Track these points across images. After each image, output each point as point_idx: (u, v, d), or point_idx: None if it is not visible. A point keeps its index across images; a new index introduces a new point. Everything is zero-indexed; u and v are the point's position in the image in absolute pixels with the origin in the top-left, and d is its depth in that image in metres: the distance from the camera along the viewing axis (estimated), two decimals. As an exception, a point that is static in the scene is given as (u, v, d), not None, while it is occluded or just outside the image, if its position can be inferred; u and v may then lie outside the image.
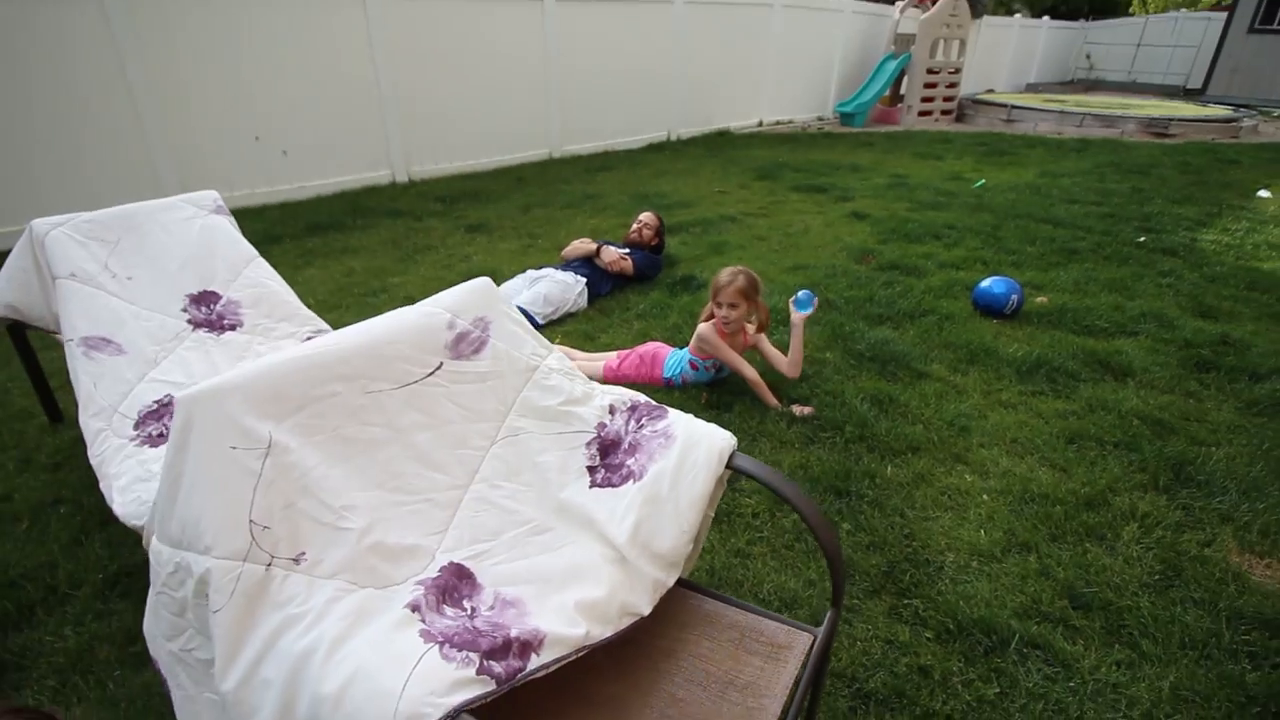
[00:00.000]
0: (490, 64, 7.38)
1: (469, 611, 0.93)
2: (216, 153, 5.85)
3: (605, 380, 2.92)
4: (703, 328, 2.76)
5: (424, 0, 6.71)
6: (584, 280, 3.86)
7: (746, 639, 1.14)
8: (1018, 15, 18.25)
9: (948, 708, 1.52)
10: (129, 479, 1.62)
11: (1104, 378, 2.99)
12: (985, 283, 3.67)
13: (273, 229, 5.26)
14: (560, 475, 1.23)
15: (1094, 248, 4.74)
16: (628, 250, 4.19)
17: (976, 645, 1.67)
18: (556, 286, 3.72)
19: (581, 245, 4.16)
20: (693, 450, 1.19)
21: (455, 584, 0.98)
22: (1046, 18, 18.60)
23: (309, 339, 2.27)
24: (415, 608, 0.91)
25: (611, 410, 1.30)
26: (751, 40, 10.45)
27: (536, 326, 2.89)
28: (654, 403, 1.31)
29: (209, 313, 2.17)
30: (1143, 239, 4.96)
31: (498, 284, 3.90)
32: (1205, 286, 4.08)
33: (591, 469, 1.24)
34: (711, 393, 2.87)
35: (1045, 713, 1.51)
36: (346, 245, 5.14)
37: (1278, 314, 3.73)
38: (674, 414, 1.27)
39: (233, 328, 2.17)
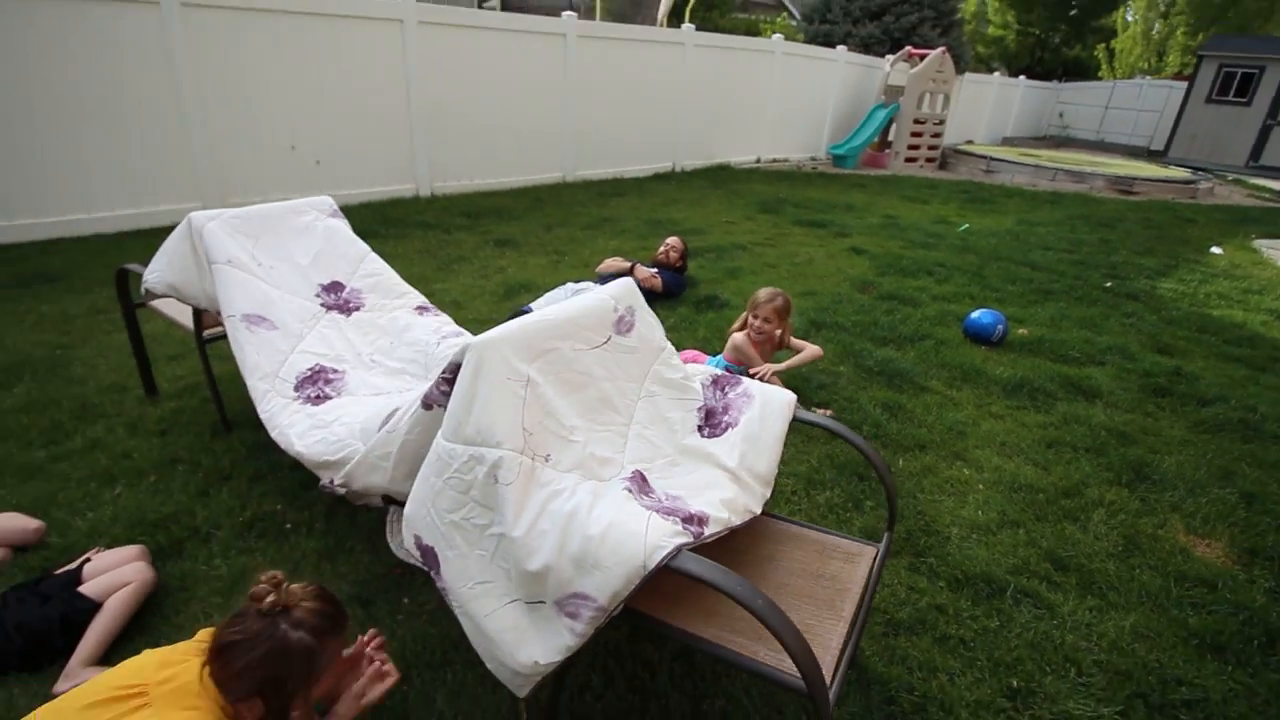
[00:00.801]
0: (514, 89, 7.86)
1: (658, 498, 1.33)
2: (255, 159, 6.19)
3: None
4: (737, 337, 3.18)
5: (458, 27, 7.19)
6: (620, 294, 4.28)
7: (826, 550, 1.55)
8: (997, 74, 19.40)
9: (960, 633, 1.93)
10: (304, 428, 1.97)
11: (1076, 398, 3.49)
12: (975, 314, 4.17)
13: (317, 233, 5.59)
14: (681, 428, 1.64)
15: (1067, 289, 5.32)
16: (656, 270, 4.63)
17: (980, 592, 2.10)
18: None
19: (615, 263, 4.59)
20: (770, 403, 1.63)
21: (642, 482, 1.37)
22: (1023, 77, 19.80)
23: (418, 308, 2.67)
24: (629, 490, 1.30)
25: (702, 387, 1.72)
26: (753, 82, 11.14)
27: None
28: (730, 374, 1.74)
29: (337, 299, 2.54)
30: (1109, 284, 5.55)
31: (536, 296, 4.32)
32: (1163, 327, 4.65)
33: (699, 427, 1.66)
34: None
35: (1035, 639, 1.93)
36: (382, 252, 5.40)
37: (1223, 353, 4.30)
38: (746, 380, 1.71)
39: (358, 309, 2.55)
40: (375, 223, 6.18)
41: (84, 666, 1.74)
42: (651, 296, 4.55)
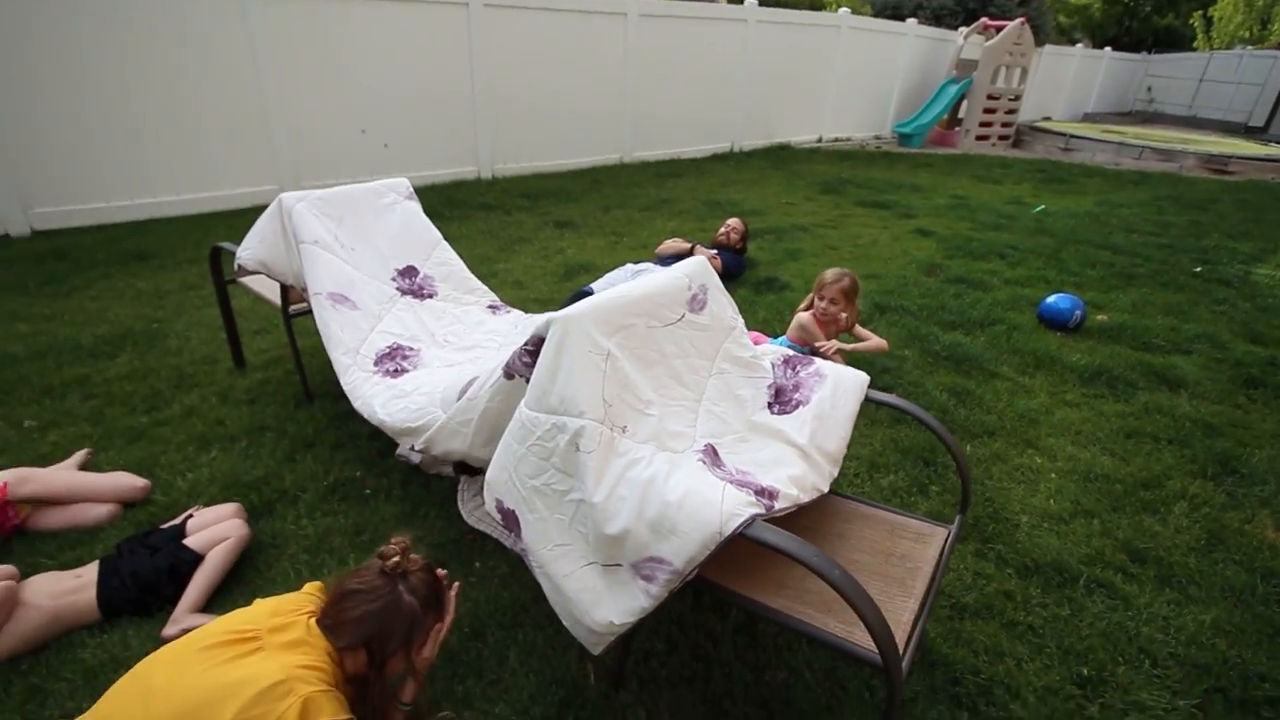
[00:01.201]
0: (574, 71, 7.91)
1: (730, 471, 1.37)
2: (328, 142, 6.44)
3: None
4: (803, 316, 3.15)
5: (521, 9, 7.25)
6: (681, 275, 4.29)
7: (897, 530, 1.55)
8: (1079, 45, 18.27)
9: (1029, 619, 1.90)
10: (385, 398, 2.08)
11: (1159, 387, 3.33)
12: (1051, 298, 4.01)
13: (386, 214, 5.79)
14: (752, 405, 1.66)
15: (1151, 274, 5.04)
16: (716, 251, 4.62)
17: (1050, 580, 2.06)
18: (658, 279, 4.16)
19: (675, 244, 4.60)
20: (842, 382, 1.64)
21: (714, 456, 1.41)
22: (1109, 49, 18.60)
23: (490, 306, 2.76)
24: (702, 462, 1.35)
25: (772, 366, 1.73)
26: (817, 58, 10.85)
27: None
28: (800, 354, 1.74)
29: (411, 284, 2.66)
30: (1199, 269, 5.23)
31: (595, 276, 4.37)
32: (1257, 315, 4.36)
33: (770, 404, 1.67)
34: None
35: (1109, 629, 1.89)
36: (447, 233, 5.54)
37: (1326, 344, 4.00)
38: (819, 360, 1.71)
39: (430, 296, 2.65)
40: (439, 204, 6.35)
41: (189, 613, 1.90)
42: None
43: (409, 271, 2.69)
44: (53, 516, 2.23)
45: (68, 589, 1.88)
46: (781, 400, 1.63)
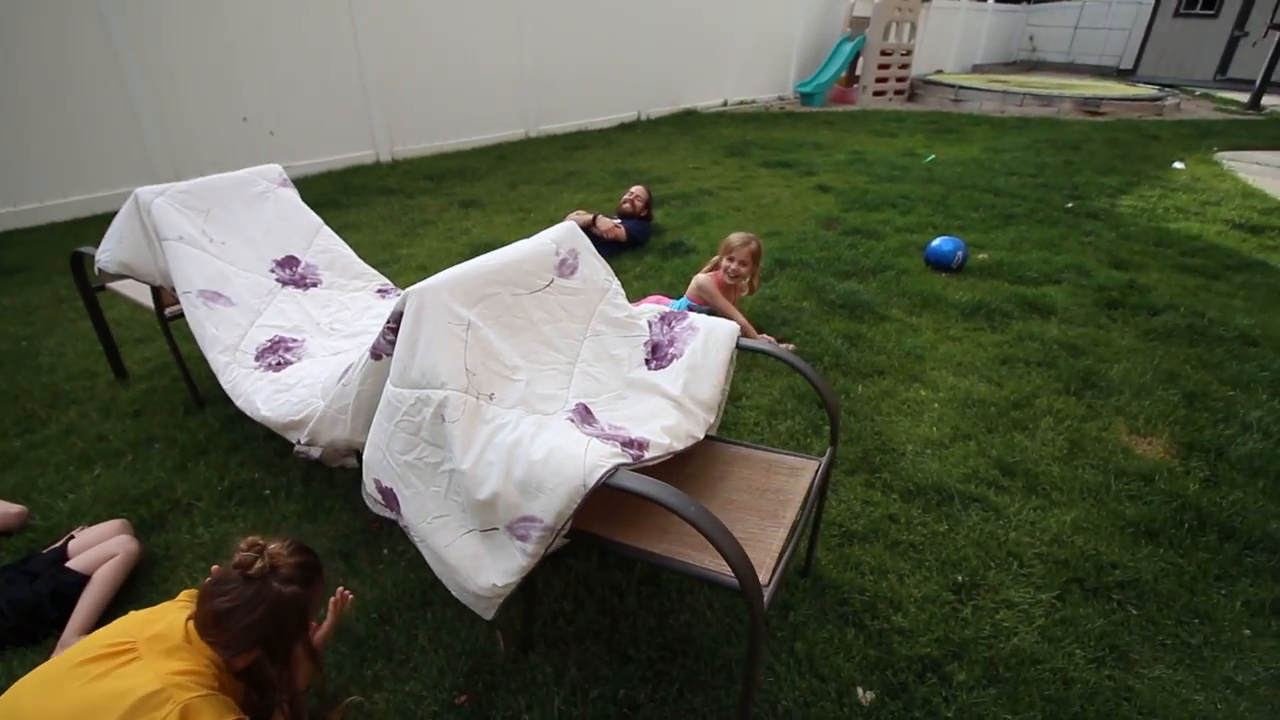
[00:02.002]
0: (467, 46, 7.65)
1: (600, 428, 1.40)
2: (207, 134, 6.04)
3: None
4: (701, 277, 3.23)
5: (406, -20, 6.94)
6: (585, 246, 4.29)
7: (773, 467, 1.64)
8: (964, -2, 18.98)
9: (910, 538, 2.05)
10: (268, 393, 2.01)
11: (1032, 316, 3.59)
12: (935, 242, 4.24)
13: (277, 207, 5.51)
14: (628, 363, 1.70)
15: (1028, 213, 5.38)
16: (619, 220, 4.63)
17: (930, 500, 2.22)
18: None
19: (578, 216, 4.58)
20: (713, 333, 1.71)
21: (585, 414, 1.44)
22: (991, 0, 19.42)
23: (380, 290, 2.69)
24: (571, 420, 1.37)
25: (649, 325, 1.78)
26: (716, 22, 10.88)
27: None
28: (676, 310, 1.80)
29: (293, 274, 2.55)
30: (1070, 205, 5.62)
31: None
32: (1120, 243, 4.74)
33: (647, 360, 1.72)
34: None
35: (981, 538, 2.06)
36: (346, 221, 5.43)
37: (1178, 264, 4.40)
38: (693, 314, 1.78)
39: (315, 285, 2.56)
40: (336, 192, 6.09)
41: (77, 636, 1.81)
42: (618, 246, 4.56)
43: (289, 262, 2.59)
44: (-85, 554, 2.07)
45: (-58, 626, 1.76)
46: (658, 356, 1.67)
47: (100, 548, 2.01)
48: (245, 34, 6.03)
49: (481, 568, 1.28)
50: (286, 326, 2.36)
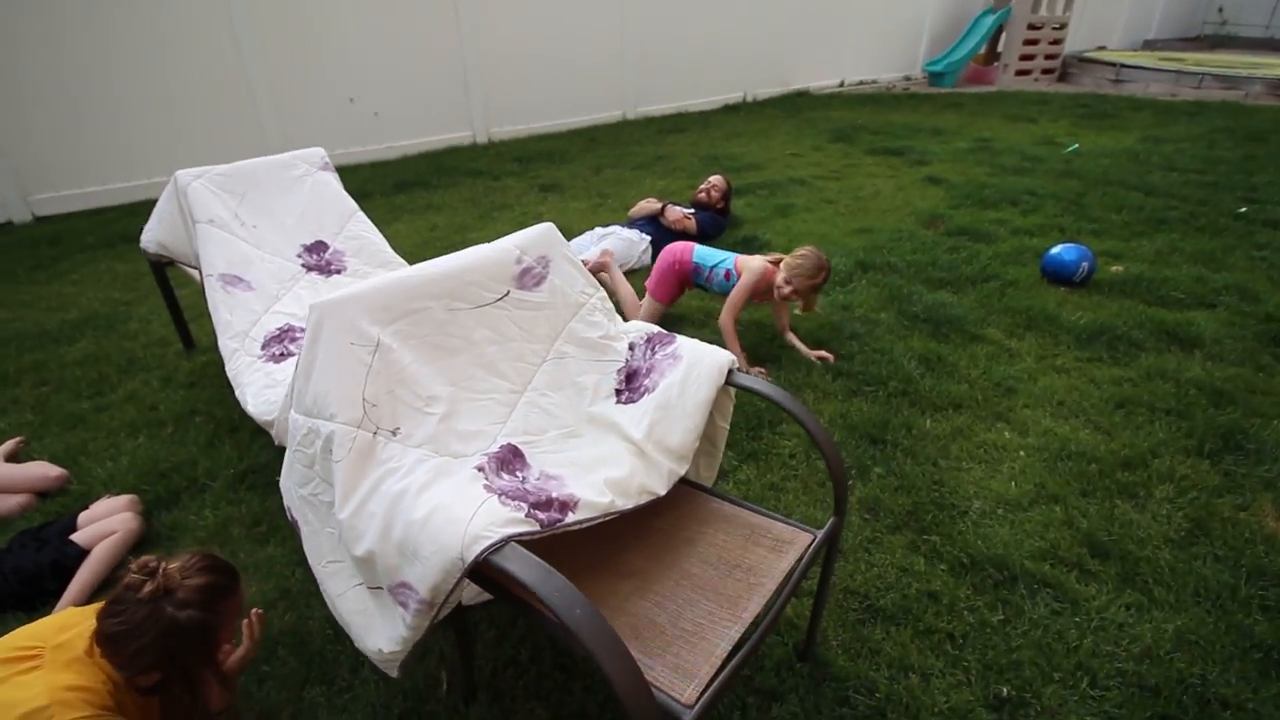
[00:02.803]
0: (567, 27, 7.53)
1: (520, 479, 1.17)
2: (316, 113, 6.30)
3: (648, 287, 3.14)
4: (757, 264, 2.84)
5: (510, -39, 6.90)
6: (648, 238, 4.04)
7: (756, 534, 1.33)
8: (1140, -37, 16.56)
9: (949, 626, 1.66)
10: (258, 387, 1.95)
11: (1169, 348, 2.94)
12: (1056, 249, 3.60)
13: (364, 186, 5.68)
14: (594, 393, 1.45)
15: (1186, 218, 4.50)
16: (692, 210, 4.32)
17: (987, 579, 1.80)
18: (621, 243, 3.92)
19: (647, 204, 4.33)
20: (697, 365, 1.40)
21: (510, 458, 1.22)
22: (1174, -36, 16.83)
23: None
24: (481, 469, 1.15)
25: (631, 347, 1.50)
26: (837, -6, 10.11)
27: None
28: (665, 331, 1.50)
29: (319, 259, 2.50)
30: (1243, 210, 4.65)
31: (567, 240, 4.14)
32: (1305, 261, 3.84)
33: (618, 390, 1.46)
34: (752, 356, 2.96)
35: (1045, 640, 1.63)
36: (430, 202, 5.49)
37: (1384, 291, 3.49)
38: (681, 339, 1.47)
39: (339, 272, 2.50)
40: (429, 172, 6.19)
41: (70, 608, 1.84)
42: (686, 239, 4.26)
43: (317, 247, 2.54)
44: (-35, 508, 2.21)
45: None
46: (631, 386, 1.41)
47: (103, 523, 2.05)
48: (354, 17, 6.22)
49: (370, 628, 1.11)
50: (299, 315, 2.30)
